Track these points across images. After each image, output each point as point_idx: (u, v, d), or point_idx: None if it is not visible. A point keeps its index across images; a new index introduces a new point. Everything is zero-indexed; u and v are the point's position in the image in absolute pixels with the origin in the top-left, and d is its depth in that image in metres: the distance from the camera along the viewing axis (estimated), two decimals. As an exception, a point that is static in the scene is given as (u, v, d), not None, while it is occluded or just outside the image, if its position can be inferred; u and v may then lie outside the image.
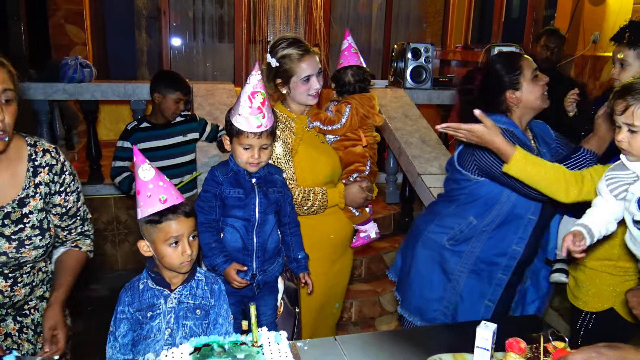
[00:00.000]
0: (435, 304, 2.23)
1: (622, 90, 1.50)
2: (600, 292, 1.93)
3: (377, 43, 7.61)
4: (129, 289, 1.72)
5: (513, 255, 2.10)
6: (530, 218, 2.07)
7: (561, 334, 1.58)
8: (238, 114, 1.87)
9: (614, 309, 1.90)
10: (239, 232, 1.98)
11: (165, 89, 3.20)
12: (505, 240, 2.10)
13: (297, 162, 2.27)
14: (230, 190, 1.95)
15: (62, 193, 1.78)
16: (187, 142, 3.38)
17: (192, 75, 6.72)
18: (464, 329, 1.78)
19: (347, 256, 2.55)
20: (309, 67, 2.25)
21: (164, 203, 1.63)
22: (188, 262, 1.67)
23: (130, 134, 3.22)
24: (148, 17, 6.90)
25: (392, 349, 1.73)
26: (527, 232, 2.08)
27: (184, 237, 1.65)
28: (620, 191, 1.56)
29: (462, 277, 2.17)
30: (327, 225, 2.37)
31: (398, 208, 4.65)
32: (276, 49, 2.29)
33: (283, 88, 2.31)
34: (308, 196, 2.24)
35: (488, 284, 2.15)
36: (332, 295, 2.52)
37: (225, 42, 7.07)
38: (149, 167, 1.65)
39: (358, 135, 2.46)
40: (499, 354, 1.60)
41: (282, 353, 1.45)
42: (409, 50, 4.69)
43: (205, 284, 1.77)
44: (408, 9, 7.67)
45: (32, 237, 1.69)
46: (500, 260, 2.12)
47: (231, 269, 1.93)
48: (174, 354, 1.41)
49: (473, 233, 2.13)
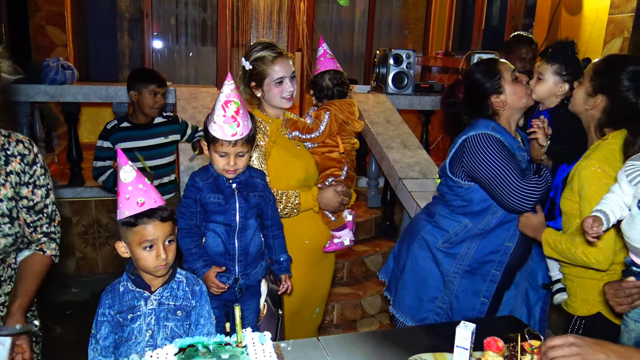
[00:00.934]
0: (429, 304, 2.28)
1: None
2: (587, 297, 1.97)
3: (360, 49, 7.68)
4: (109, 291, 1.72)
5: (506, 251, 2.19)
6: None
7: (537, 332, 1.63)
8: (213, 121, 1.89)
9: (601, 313, 1.95)
10: (221, 236, 2.00)
11: (139, 85, 3.19)
12: (499, 238, 2.18)
13: (270, 165, 2.28)
14: (210, 196, 1.96)
15: (30, 185, 1.77)
16: (168, 144, 3.37)
17: (175, 79, 6.69)
18: (444, 330, 1.82)
19: (327, 262, 2.57)
20: (281, 70, 2.27)
21: (141, 206, 1.63)
22: (163, 266, 1.68)
23: (110, 133, 3.19)
24: (130, 20, 6.86)
25: (375, 349, 1.76)
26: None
27: (159, 241, 1.66)
28: (635, 175, 1.63)
29: (457, 277, 2.23)
30: (302, 230, 2.38)
31: (379, 212, 4.69)
32: (250, 52, 2.32)
33: (257, 91, 2.33)
34: (280, 199, 2.26)
35: (482, 280, 2.22)
36: (311, 300, 2.53)
37: (208, 46, 7.06)
38: (130, 169, 1.66)
39: (335, 142, 2.47)
40: (477, 353, 1.64)
41: (267, 353, 1.47)
42: (390, 56, 4.75)
43: (186, 285, 1.78)
44: (390, 15, 7.76)
45: (2, 224, 1.68)
46: (494, 257, 2.20)
47: (210, 273, 1.94)
48: (159, 354, 1.43)
49: (468, 235, 2.20)
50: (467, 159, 2.10)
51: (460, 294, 2.24)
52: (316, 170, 2.45)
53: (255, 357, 1.44)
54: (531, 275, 2.39)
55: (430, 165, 3.88)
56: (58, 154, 5.44)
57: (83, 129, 6.03)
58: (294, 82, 2.33)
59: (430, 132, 5.29)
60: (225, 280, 1.99)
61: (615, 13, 4.55)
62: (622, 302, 1.64)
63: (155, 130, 3.30)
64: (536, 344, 1.59)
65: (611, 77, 1.89)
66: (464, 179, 2.15)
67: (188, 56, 7.10)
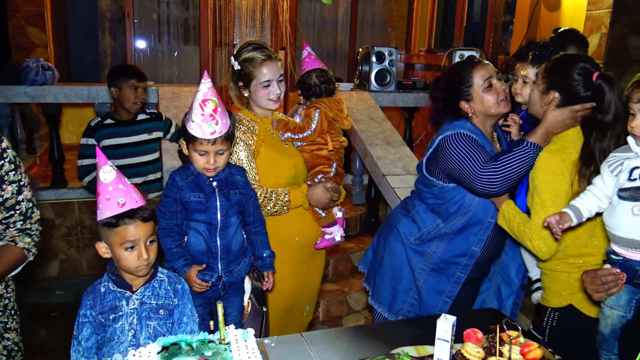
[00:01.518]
0: (403, 295, 2.31)
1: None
2: (558, 290, 2.02)
3: (343, 47, 7.70)
4: (90, 292, 1.71)
5: (472, 255, 2.21)
6: (489, 221, 2.17)
7: (515, 323, 1.66)
8: (191, 120, 1.88)
9: (572, 305, 1.99)
10: (202, 235, 2.00)
11: (118, 81, 3.18)
12: (467, 242, 2.20)
13: (259, 164, 2.29)
14: (190, 195, 1.96)
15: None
16: (152, 141, 3.36)
17: (158, 78, 6.66)
18: (425, 323, 1.85)
19: (318, 259, 2.58)
20: (269, 72, 2.28)
21: (122, 207, 1.63)
22: (144, 267, 1.68)
23: (93, 130, 3.18)
24: (112, 19, 6.80)
25: (358, 344, 1.78)
26: (486, 234, 2.18)
27: (141, 241, 1.65)
28: (617, 166, 1.69)
29: (423, 274, 2.26)
30: (292, 227, 2.40)
31: (364, 209, 4.72)
32: (240, 52, 2.33)
33: (244, 91, 2.35)
34: (270, 197, 2.27)
35: (447, 281, 2.24)
36: (301, 297, 2.55)
37: (191, 45, 7.03)
38: (110, 169, 1.65)
39: (325, 140, 2.50)
40: (458, 345, 1.66)
41: (250, 350, 1.48)
42: (373, 53, 4.77)
43: (168, 283, 1.78)
44: (373, 13, 7.79)
45: None
46: (460, 260, 2.22)
47: (191, 271, 1.94)
48: (142, 353, 1.43)
49: (437, 234, 2.23)
50: (442, 159, 2.13)
51: (424, 290, 2.27)
52: (305, 168, 2.47)
53: (239, 354, 1.45)
54: (504, 269, 2.43)
55: (414, 162, 3.91)
56: (40, 156, 5.39)
57: (65, 130, 5.98)
58: (282, 85, 2.34)
59: (414, 128, 5.33)
60: (208, 279, 1.99)
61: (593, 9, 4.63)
62: (599, 290, 1.68)
63: (138, 127, 3.30)
64: (514, 335, 1.62)
65: (562, 74, 1.94)
66: (440, 178, 2.18)
67: (171, 56, 7.07)
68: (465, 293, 2.30)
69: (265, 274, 2.17)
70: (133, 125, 3.28)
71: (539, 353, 1.57)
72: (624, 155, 1.69)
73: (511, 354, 1.55)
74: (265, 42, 2.40)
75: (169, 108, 3.95)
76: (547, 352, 1.63)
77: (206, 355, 1.46)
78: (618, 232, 1.67)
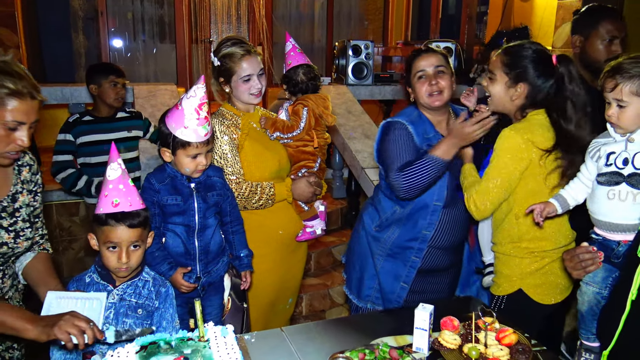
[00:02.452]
0: (369, 281, 2.37)
1: (612, 70, 1.67)
2: (510, 275, 2.05)
3: (320, 41, 7.69)
4: (76, 280, 1.76)
5: (424, 239, 2.24)
6: (435, 204, 2.21)
7: (490, 310, 1.69)
8: (184, 126, 1.87)
9: (522, 290, 2.03)
10: (180, 237, 1.99)
11: (98, 78, 3.17)
12: (417, 226, 2.25)
13: (244, 158, 2.30)
14: (168, 197, 1.95)
15: (32, 192, 1.81)
16: (131, 139, 3.34)
17: (134, 77, 6.58)
18: (404, 313, 1.87)
19: (299, 252, 2.60)
20: (249, 67, 2.28)
21: (114, 207, 1.67)
22: (124, 269, 1.71)
23: (72, 126, 3.16)
24: (85, 18, 6.70)
25: (338, 336, 1.80)
26: (435, 217, 2.22)
27: (123, 245, 1.68)
28: (595, 152, 1.74)
29: (380, 260, 2.32)
30: (275, 221, 2.41)
31: (345, 202, 4.74)
32: (219, 48, 2.33)
33: (226, 87, 2.35)
34: (255, 190, 2.27)
35: (403, 266, 2.29)
36: (284, 290, 2.56)
37: (167, 43, 6.96)
38: (117, 167, 1.70)
39: (310, 136, 2.50)
40: (436, 333, 1.69)
41: (229, 346, 1.48)
42: (349, 47, 4.79)
43: (152, 285, 1.79)
44: (349, 6, 7.78)
45: (25, 229, 1.74)
46: (413, 245, 2.27)
47: (177, 274, 1.95)
48: (120, 353, 1.43)
49: (393, 220, 2.29)
50: (377, 144, 2.24)
51: (382, 276, 2.33)
52: (289, 162, 2.48)
53: (218, 351, 1.46)
54: (472, 258, 2.48)
55: (392, 154, 3.92)
56: (15, 159, 5.29)
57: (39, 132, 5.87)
58: (263, 79, 2.34)
59: (392, 121, 5.35)
60: (187, 280, 1.99)
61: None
62: (577, 267, 1.73)
63: (117, 125, 3.28)
64: (489, 321, 1.65)
65: (522, 66, 1.97)
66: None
67: (146, 54, 6.99)
68: (432, 282, 2.34)
69: (242, 274, 2.17)
70: (112, 122, 3.27)
71: (514, 338, 1.61)
72: (603, 141, 1.74)
73: (487, 340, 1.58)
74: (244, 37, 2.40)
75: (145, 107, 3.91)
76: (522, 336, 1.66)
77: (185, 353, 1.46)
78: (597, 216, 1.72)
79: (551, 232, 1.98)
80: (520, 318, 1.87)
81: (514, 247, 2.03)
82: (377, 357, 1.56)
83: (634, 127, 1.64)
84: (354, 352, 1.56)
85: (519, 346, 1.59)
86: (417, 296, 2.26)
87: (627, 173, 1.62)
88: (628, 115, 1.63)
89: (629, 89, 1.61)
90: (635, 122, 1.63)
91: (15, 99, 1.52)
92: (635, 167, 1.61)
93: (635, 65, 1.61)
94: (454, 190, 2.21)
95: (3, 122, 1.52)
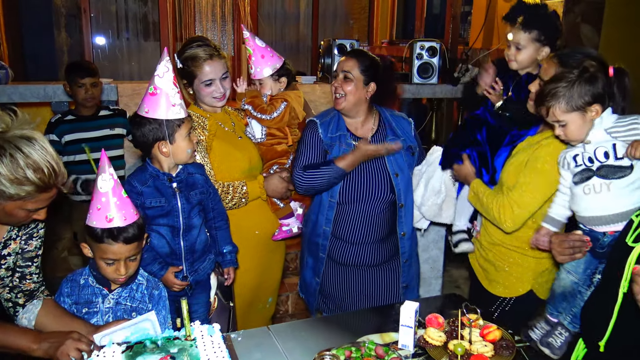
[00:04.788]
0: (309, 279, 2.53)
1: (538, 99, 1.76)
2: (522, 276, 2.08)
3: (306, 40, 7.68)
4: (70, 280, 1.75)
5: (325, 234, 2.37)
6: (330, 201, 2.32)
7: (473, 307, 1.71)
8: (172, 105, 1.82)
9: (532, 291, 2.07)
10: (165, 237, 1.98)
11: (68, 77, 3.18)
12: (318, 222, 2.36)
13: (213, 159, 2.27)
14: (151, 201, 1.92)
15: (28, 235, 1.73)
16: (115, 136, 3.32)
17: (118, 75, 6.52)
18: (389, 311, 1.89)
19: (278, 251, 2.60)
20: (211, 71, 2.24)
21: (109, 222, 1.63)
22: (122, 279, 1.71)
23: (54, 126, 3.16)
24: (67, 16, 6.61)
25: (324, 334, 1.81)
26: (331, 213, 2.34)
27: (121, 259, 1.67)
28: (562, 161, 1.80)
29: (304, 255, 2.48)
30: (251, 221, 2.41)
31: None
32: (183, 49, 2.29)
33: (189, 89, 2.32)
34: (227, 190, 2.26)
35: (315, 260, 2.43)
36: (263, 290, 2.56)
37: (150, 41, 6.91)
38: (109, 178, 1.64)
39: (284, 133, 2.49)
40: (421, 330, 1.71)
41: (215, 345, 1.49)
42: (335, 46, 4.78)
43: (146, 288, 1.80)
44: (335, 5, 7.79)
45: (4, 277, 1.68)
46: (318, 240, 2.38)
47: (169, 274, 1.94)
48: (106, 353, 1.42)
49: (308, 217, 2.45)
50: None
51: (304, 270, 2.50)
52: (260, 160, 2.46)
53: (204, 349, 1.46)
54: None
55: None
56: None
57: (22, 130, 5.78)
58: (227, 82, 2.31)
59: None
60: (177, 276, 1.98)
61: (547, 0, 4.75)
62: (564, 253, 1.76)
63: (100, 122, 3.28)
64: (473, 317, 1.67)
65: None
66: None
67: (130, 52, 6.93)
68: (361, 277, 2.39)
69: (225, 270, 2.16)
70: (95, 120, 3.26)
71: (497, 334, 1.63)
72: (566, 150, 1.80)
73: (471, 337, 1.60)
74: (209, 40, 2.34)
75: (129, 105, 3.88)
76: (506, 332, 1.69)
77: (172, 352, 1.46)
78: (580, 214, 1.76)
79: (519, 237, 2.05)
80: (527, 318, 1.90)
81: (525, 249, 2.05)
82: (363, 354, 1.57)
83: (583, 136, 1.70)
84: (340, 350, 1.57)
85: (503, 342, 1.62)
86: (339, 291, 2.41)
87: (596, 167, 1.67)
88: (571, 131, 1.70)
89: (560, 110, 1.68)
90: (582, 132, 1.70)
91: (41, 192, 1.51)
92: (599, 160, 1.66)
93: (555, 87, 1.68)
94: (350, 187, 2.30)
95: (26, 209, 1.53)
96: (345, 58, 2.31)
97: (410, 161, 2.38)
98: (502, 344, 1.61)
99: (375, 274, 2.40)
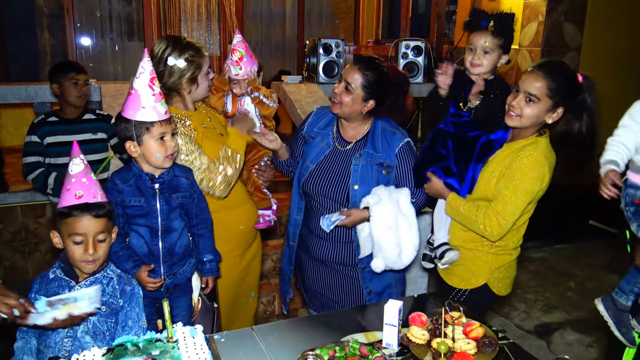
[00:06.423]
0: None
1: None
2: (478, 270, 2.10)
3: (292, 40, 7.67)
4: (41, 276, 1.75)
5: (296, 223, 2.44)
6: (299, 191, 2.40)
7: (456, 305, 1.72)
8: (141, 107, 1.79)
9: (487, 285, 2.10)
10: (144, 237, 1.95)
11: (58, 77, 3.14)
12: (291, 210, 2.46)
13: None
14: (130, 199, 1.90)
15: None
16: (97, 141, 3.29)
17: (102, 76, 6.47)
18: (374, 309, 1.89)
19: (255, 244, 2.61)
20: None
21: (78, 199, 1.64)
22: (91, 263, 1.69)
23: (37, 127, 3.13)
24: (50, 16, 6.54)
25: (308, 334, 1.80)
26: (302, 203, 2.41)
27: (89, 236, 1.66)
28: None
29: (285, 243, 2.58)
30: (236, 217, 2.42)
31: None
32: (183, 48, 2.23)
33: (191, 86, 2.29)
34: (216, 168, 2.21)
35: (289, 249, 2.50)
36: (245, 284, 2.58)
37: (135, 41, 6.86)
38: (79, 162, 1.68)
39: None
40: (405, 329, 1.71)
41: (198, 346, 1.47)
42: (320, 45, 4.77)
43: (117, 283, 1.77)
44: (320, 5, 7.79)
45: None
46: (290, 229, 2.48)
47: (141, 272, 1.90)
48: (86, 356, 1.41)
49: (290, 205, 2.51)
50: None
51: (283, 259, 2.60)
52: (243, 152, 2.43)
53: (187, 351, 1.45)
54: None
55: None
56: (-22, 160, 5.15)
57: (5, 132, 5.74)
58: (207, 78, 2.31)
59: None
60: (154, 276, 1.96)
61: (530, -2, 4.79)
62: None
63: (83, 126, 3.24)
64: (456, 315, 1.68)
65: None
66: None
67: (114, 52, 6.87)
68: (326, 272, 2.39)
69: (203, 279, 2.12)
70: (78, 123, 3.23)
71: (480, 332, 1.63)
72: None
73: (454, 334, 1.61)
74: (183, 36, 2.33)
75: (112, 106, 3.84)
76: (489, 330, 1.69)
77: (153, 354, 1.45)
78: None
79: (515, 233, 2.07)
80: (477, 309, 1.91)
81: (483, 244, 2.08)
82: (348, 353, 1.57)
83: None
84: (324, 350, 1.57)
85: (486, 339, 1.62)
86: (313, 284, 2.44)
87: None
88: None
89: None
90: None
91: None
92: None
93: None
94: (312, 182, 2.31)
95: None
96: (352, 67, 2.21)
97: (379, 178, 2.25)
98: (485, 342, 1.61)
99: (338, 272, 2.36)
